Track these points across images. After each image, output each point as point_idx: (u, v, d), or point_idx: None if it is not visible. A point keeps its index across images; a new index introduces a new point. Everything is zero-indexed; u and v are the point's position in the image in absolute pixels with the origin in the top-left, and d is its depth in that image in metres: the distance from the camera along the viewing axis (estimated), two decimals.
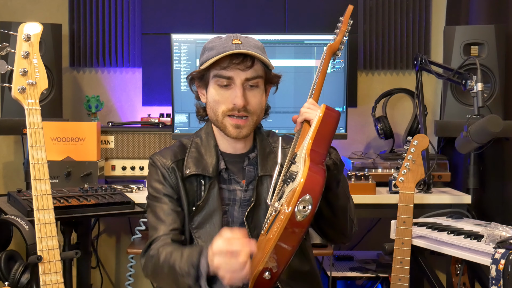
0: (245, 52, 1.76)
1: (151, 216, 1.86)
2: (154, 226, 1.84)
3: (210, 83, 1.82)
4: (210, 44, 1.83)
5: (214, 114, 1.83)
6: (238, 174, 1.89)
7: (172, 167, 1.86)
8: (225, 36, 1.83)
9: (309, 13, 3.31)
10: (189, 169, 1.85)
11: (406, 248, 2.23)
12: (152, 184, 1.88)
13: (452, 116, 2.91)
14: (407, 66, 3.38)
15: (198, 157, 1.87)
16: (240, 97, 1.77)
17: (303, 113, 1.76)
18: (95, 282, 3.35)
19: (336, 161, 1.72)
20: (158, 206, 1.85)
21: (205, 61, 1.80)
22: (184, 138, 1.97)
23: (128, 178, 3.06)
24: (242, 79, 1.78)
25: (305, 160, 1.59)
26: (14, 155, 3.37)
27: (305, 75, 3.00)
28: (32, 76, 1.97)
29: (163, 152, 1.92)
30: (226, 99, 1.79)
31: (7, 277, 2.05)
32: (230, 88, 1.79)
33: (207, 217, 1.84)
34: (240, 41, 1.79)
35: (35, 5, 3.36)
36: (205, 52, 1.83)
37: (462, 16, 3.22)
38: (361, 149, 3.41)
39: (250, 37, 1.84)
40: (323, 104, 1.69)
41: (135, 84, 3.41)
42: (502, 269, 1.91)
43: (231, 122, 1.80)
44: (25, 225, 2.10)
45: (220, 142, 1.90)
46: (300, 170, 1.58)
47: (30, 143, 1.95)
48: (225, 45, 1.78)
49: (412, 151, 2.28)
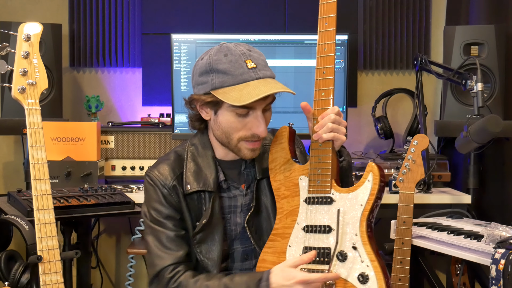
0: (276, 92, 1.69)
1: (153, 241, 1.79)
2: (158, 255, 1.78)
3: (224, 108, 1.73)
4: (220, 65, 1.70)
5: (227, 138, 1.77)
6: (236, 180, 1.87)
7: (174, 185, 1.80)
8: (230, 51, 1.71)
9: (309, 13, 3.31)
10: (190, 185, 1.80)
11: (406, 248, 2.23)
12: (153, 205, 1.81)
13: (452, 116, 2.91)
14: (407, 66, 3.38)
15: (197, 170, 1.82)
16: (264, 128, 1.73)
17: (331, 131, 1.73)
18: (95, 282, 3.35)
19: (349, 162, 1.84)
20: (161, 232, 1.79)
21: (219, 87, 1.69)
22: (177, 147, 1.89)
23: (128, 178, 3.06)
24: (263, 107, 1.74)
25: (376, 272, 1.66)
26: (14, 155, 3.38)
27: (305, 75, 3.00)
28: (32, 76, 1.97)
29: (160, 168, 1.82)
30: (245, 126, 1.74)
31: (7, 277, 2.05)
32: (248, 116, 1.73)
33: (209, 232, 1.81)
34: (254, 64, 1.70)
35: (35, 5, 3.36)
36: (214, 74, 1.71)
37: (462, 16, 3.22)
38: (361, 149, 3.41)
39: (256, 52, 1.75)
40: (372, 165, 1.75)
41: (135, 84, 3.41)
42: (502, 269, 1.91)
43: (247, 147, 1.76)
44: (25, 225, 2.10)
45: (218, 151, 1.85)
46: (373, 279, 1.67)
47: (30, 143, 1.95)
48: (241, 70, 1.68)
49: (412, 151, 2.28)
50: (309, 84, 2.18)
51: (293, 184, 1.80)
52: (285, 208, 1.81)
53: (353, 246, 1.69)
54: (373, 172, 1.71)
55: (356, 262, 1.68)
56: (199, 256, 1.81)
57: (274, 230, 1.82)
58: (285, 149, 1.84)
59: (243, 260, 1.87)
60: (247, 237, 1.85)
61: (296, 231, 1.77)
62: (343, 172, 1.82)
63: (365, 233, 1.68)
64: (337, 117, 1.73)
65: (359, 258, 1.67)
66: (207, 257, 1.80)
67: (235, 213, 1.86)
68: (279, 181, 1.83)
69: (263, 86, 1.68)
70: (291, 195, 1.80)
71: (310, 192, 1.76)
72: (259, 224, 1.85)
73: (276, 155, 1.84)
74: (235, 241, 1.87)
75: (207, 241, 1.81)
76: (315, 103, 1.78)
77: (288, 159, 1.83)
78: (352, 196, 1.71)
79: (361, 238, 1.68)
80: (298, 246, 1.75)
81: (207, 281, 1.73)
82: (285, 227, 1.79)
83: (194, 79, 1.79)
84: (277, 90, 1.69)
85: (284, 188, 1.82)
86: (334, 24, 1.75)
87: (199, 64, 1.76)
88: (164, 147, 3.04)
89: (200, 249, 1.81)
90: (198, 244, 1.81)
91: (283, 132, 1.86)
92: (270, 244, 1.80)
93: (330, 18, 1.75)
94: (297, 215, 1.78)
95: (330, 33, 1.75)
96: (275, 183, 1.83)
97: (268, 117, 1.79)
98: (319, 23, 1.77)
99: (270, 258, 1.79)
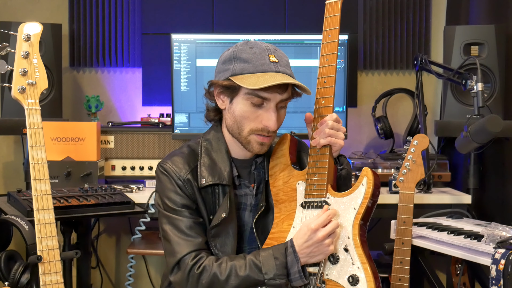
0: (292, 82, 1.72)
1: (171, 230, 1.79)
2: (178, 242, 1.78)
3: (240, 96, 1.75)
4: (244, 54, 1.75)
5: (238, 128, 1.78)
6: (247, 179, 1.89)
7: (188, 178, 1.80)
8: (257, 45, 1.76)
9: (309, 13, 3.31)
10: (205, 179, 1.81)
11: (406, 248, 2.23)
12: (168, 195, 1.81)
13: (452, 116, 2.91)
14: (407, 66, 3.38)
15: (211, 164, 1.83)
16: (275, 121, 1.75)
17: (328, 136, 1.75)
18: (95, 282, 3.35)
19: (349, 171, 1.84)
20: (179, 220, 1.79)
21: (238, 73, 1.73)
22: (190, 142, 1.90)
23: (128, 178, 3.05)
24: (277, 101, 1.75)
25: (365, 269, 1.68)
26: (14, 155, 3.37)
27: (305, 75, 2.99)
28: (32, 76, 1.97)
29: (174, 160, 1.83)
30: (257, 118, 1.76)
31: (7, 277, 2.04)
32: (262, 107, 1.75)
33: (224, 226, 1.82)
34: (276, 59, 1.74)
35: (35, 5, 3.36)
36: (236, 61, 1.75)
37: (462, 16, 3.22)
38: (361, 149, 3.41)
39: (281, 52, 1.79)
40: (366, 169, 1.75)
41: (135, 84, 3.41)
42: (502, 269, 1.91)
43: (257, 140, 1.78)
44: (25, 225, 2.09)
45: (232, 147, 1.86)
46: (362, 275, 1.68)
47: (30, 143, 1.95)
48: (263, 61, 1.72)
49: (412, 151, 2.28)
50: (309, 84, 2.19)
51: (291, 190, 1.81)
52: (282, 212, 1.82)
53: (344, 248, 1.71)
54: (367, 177, 1.73)
55: (347, 264, 1.69)
56: (213, 249, 1.82)
57: (270, 234, 1.83)
58: (285, 155, 1.86)
59: None
60: (254, 238, 1.87)
61: (291, 234, 1.78)
62: (341, 180, 1.83)
63: (357, 236, 1.70)
64: (335, 123, 1.76)
65: (350, 260, 1.69)
66: (222, 250, 1.82)
67: (243, 211, 1.88)
68: (277, 187, 1.84)
69: (280, 77, 1.71)
70: (289, 200, 1.82)
71: (307, 196, 1.78)
72: (266, 225, 1.86)
73: (277, 162, 1.87)
74: (244, 240, 1.88)
75: (222, 235, 1.82)
76: (315, 111, 1.82)
77: (288, 165, 1.85)
78: (346, 200, 1.73)
79: (353, 241, 1.70)
80: None
81: (232, 261, 1.74)
82: (281, 231, 1.81)
83: (218, 67, 1.82)
84: (294, 81, 1.72)
85: (282, 193, 1.83)
86: (337, 36, 1.80)
87: (225, 54, 1.80)
88: (164, 147, 3.04)
89: (215, 243, 1.82)
90: (213, 237, 1.82)
91: (284, 139, 1.89)
92: None
93: (333, 30, 1.81)
94: (293, 219, 1.79)
95: (332, 44, 1.81)
96: (274, 189, 1.85)
97: (282, 114, 1.80)
98: (323, 35, 1.82)
99: None
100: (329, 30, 1.81)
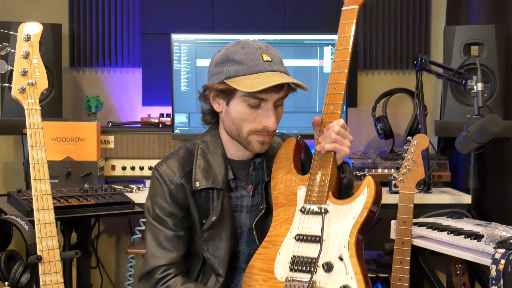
0: (289, 81, 1.71)
1: (150, 239, 1.79)
2: (153, 253, 1.78)
3: (236, 98, 1.74)
4: (236, 55, 1.72)
5: (237, 130, 1.77)
6: (244, 180, 1.87)
7: (181, 183, 1.79)
8: (248, 45, 1.74)
9: (309, 13, 3.31)
10: (199, 182, 1.79)
11: (406, 248, 2.23)
12: (157, 201, 1.80)
13: (452, 116, 2.91)
14: (407, 66, 3.38)
15: (206, 167, 1.81)
16: (274, 121, 1.74)
17: (333, 141, 1.74)
18: (95, 282, 3.35)
19: (351, 180, 1.82)
20: (160, 230, 1.78)
21: (233, 76, 1.71)
22: (188, 143, 1.89)
23: (128, 178, 3.05)
24: (275, 100, 1.74)
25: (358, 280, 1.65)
26: (14, 155, 3.38)
27: (305, 75, 2.99)
28: (32, 76, 1.97)
29: (169, 163, 1.82)
30: (255, 119, 1.74)
31: (7, 277, 2.04)
32: (260, 108, 1.74)
33: (217, 230, 1.80)
34: (270, 57, 1.73)
35: (35, 5, 3.36)
36: (229, 64, 1.73)
37: (462, 16, 3.22)
38: (361, 149, 3.41)
39: (273, 49, 1.78)
40: (369, 179, 1.72)
41: (135, 84, 3.41)
42: (502, 269, 1.91)
43: (258, 139, 1.77)
44: (25, 225, 2.09)
45: (228, 149, 1.85)
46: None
47: (30, 143, 1.95)
48: (257, 61, 1.71)
49: (412, 151, 2.28)
50: (309, 84, 2.19)
51: (291, 194, 1.80)
52: (281, 216, 1.81)
53: (339, 257, 1.68)
54: (369, 186, 1.70)
55: (341, 274, 1.66)
56: (206, 254, 1.80)
57: (267, 237, 1.81)
58: (289, 159, 1.84)
59: (248, 262, 1.86)
60: (253, 239, 1.85)
61: (287, 239, 1.76)
62: (342, 188, 1.82)
63: (353, 246, 1.67)
64: (341, 130, 1.74)
65: (344, 269, 1.66)
66: (214, 255, 1.80)
67: (240, 213, 1.86)
68: (278, 190, 1.83)
69: (276, 76, 1.70)
70: (288, 204, 1.80)
71: (306, 201, 1.76)
72: (265, 227, 1.85)
73: (280, 165, 1.85)
74: (241, 242, 1.87)
75: (215, 239, 1.80)
76: (323, 117, 1.80)
77: (291, 169, 1.83)
78: (346, 208, 1.71)
79: (349, 251, 1.67)
80: (288, 254, 1.74)
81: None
82: (278, 235, 1.79)
83: (210, 70, 1.80)
84: (290, 80, 1.71)
85: (282, 197, 1.82)
86: (350, 43, 1.81)
87: (216, 56, 1.78)
88: (164, 147, 3.04)
89: (208, 247, 1.80)
90: (206, 241, 1.80)
91: (289, 143, 1.88)
92: (261, 251, 1.80)
93: (347, 37, 1.82)
94: (291, 224, 1.77)
95: (345, 51, 1.81)
96: (275, 192, 1.84)
97: (280, 112, 1.80)
98: (337, 41, 1.83)
99: (259, 265, 1.78)
100: (343, 37, 1.82)
